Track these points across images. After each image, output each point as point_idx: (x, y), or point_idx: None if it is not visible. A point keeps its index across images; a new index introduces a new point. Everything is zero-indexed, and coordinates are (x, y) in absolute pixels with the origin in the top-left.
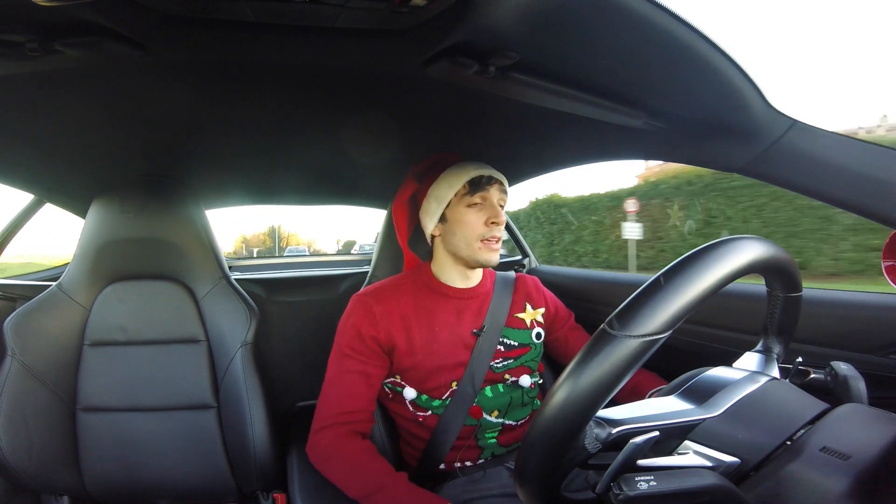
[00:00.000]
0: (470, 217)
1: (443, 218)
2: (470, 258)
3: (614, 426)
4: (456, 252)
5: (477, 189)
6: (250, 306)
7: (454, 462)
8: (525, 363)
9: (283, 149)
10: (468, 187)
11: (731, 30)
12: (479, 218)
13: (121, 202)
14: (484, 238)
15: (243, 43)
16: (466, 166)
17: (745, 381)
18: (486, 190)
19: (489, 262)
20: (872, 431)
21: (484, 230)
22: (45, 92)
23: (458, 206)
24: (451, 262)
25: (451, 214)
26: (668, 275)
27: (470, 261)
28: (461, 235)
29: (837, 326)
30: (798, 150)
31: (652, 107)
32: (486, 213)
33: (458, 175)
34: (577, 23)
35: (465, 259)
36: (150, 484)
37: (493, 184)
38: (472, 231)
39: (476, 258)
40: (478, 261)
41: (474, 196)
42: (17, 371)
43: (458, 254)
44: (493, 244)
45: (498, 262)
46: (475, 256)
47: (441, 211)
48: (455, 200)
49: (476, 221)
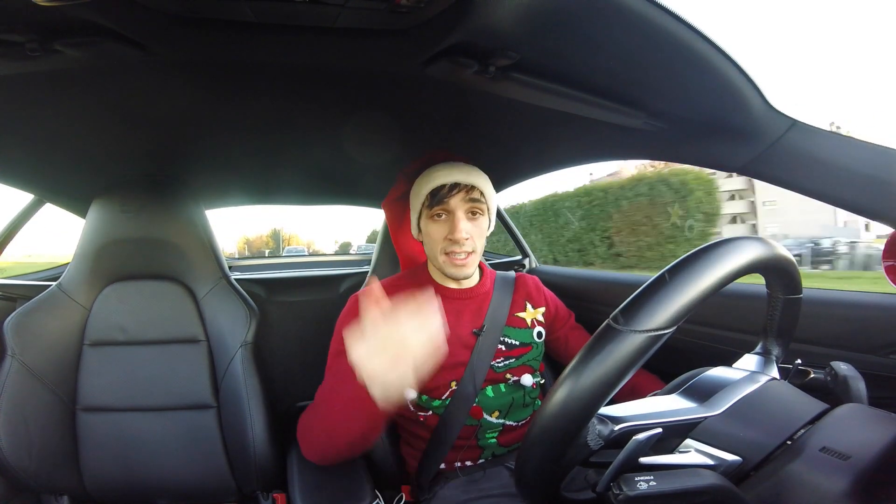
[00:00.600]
0: (432, 230)
1: (419, 226)
2: (441, 270)
3: (617, 423)
4: (431, 262)
5: (435, 201)
6: (250, 306)
7: (454, 462)
8: (527, 362)
9: (283, 148)
10: (429, 199)
11: (732, 29)
12: (440, 231)
13: (121, 202)
14: (446, 252)
15: (243, 43)
16: (433, 173)
17: (745, 380)
18: (446, 202)
19: (455, 275)
20: (872, 431)
21: (445, 244)
22: (45, 92)
23: (424, 217)
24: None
25: (422, 225)
26: (672, 271)
27: (443, 272)
28: (428, 248)
29: (837, 326)
30: (798, 150)
31: (652, 107)
32: (447, 227)
33: (425, 184)
34: (577, 23)
35: (439, 270)
36: (150, 484)
37: (457, 192)
38: (435, 244)
39: (444, 270)
40: (448, 274)
41: (433, 209)
42: (17, 371)
43: (433, 263)
44: (455, 259)
45: (469, 275)
46: (443, 269)
47: (416, 220)
48: (424, 211)
49: (437, 235)
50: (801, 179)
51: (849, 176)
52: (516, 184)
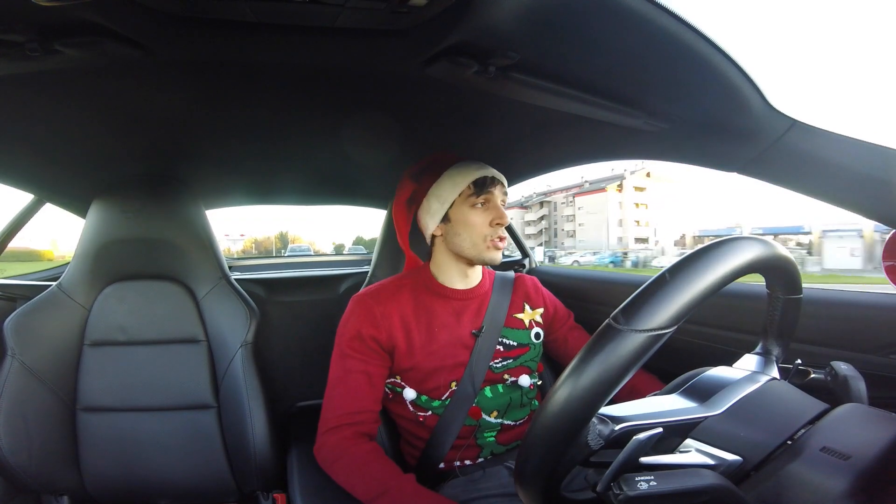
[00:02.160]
0: (475, 217)
1: (446, 218)
2: (475, 257)
3: (617, 423)
4: (460, 252)
5: (482, 190)
6: (250, 306)
7: (454, 461)
8: (524, 363)
9: (283, 149)
10: (473, 188)
11: (732, 29)
12: (484, 218)
13: (121, 202)
14: (490, 238)
15: (243, 43)
16: (469, 166)
17: (745, 380)
18: (490, 191)
19: (494, 260)
20: (872, 431)
21: (489, 230)
22: (46, 92)
23: (462, 206)
24: (453, 262)
25: (455, 215)
26: (673, 271)
27: (475, 259)
28: (466, 236)
29: (837, 326)
30: (798, 150)
31: (652, 107)
32: (491, 214)
33: (463, 175)
34: (578, 23)
35: (468, 258)
36: (150, 484)
37: (496, 185)
38: (478, 231)
39: (482, 257)
40: (483, 259)
41: (479, 197)
42: (17, 371)
43: (462, 253)
44: (499, 243)
45: (501, 260)
46: (481, 256)
47: (444, 211)
48: (459, 201)
49: (481, 222)
50: (800, 179)
51: (849, 176)
52: (516, 184)
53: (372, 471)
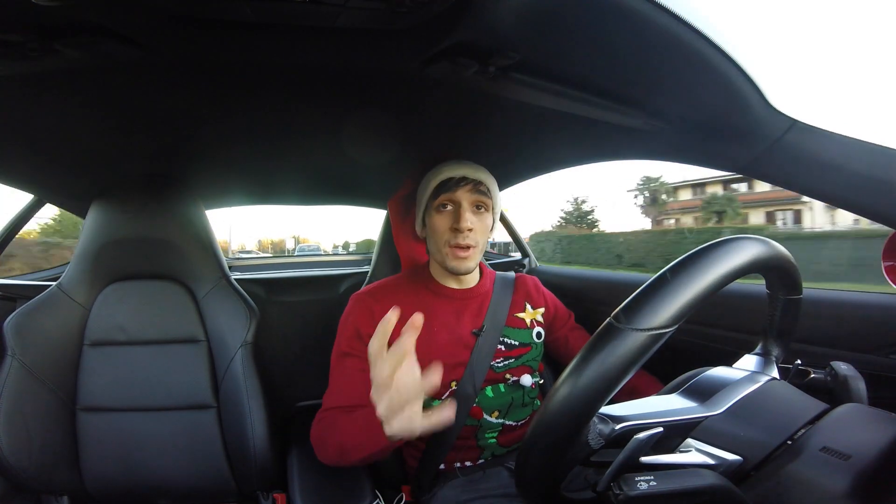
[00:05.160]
0: (436, 222)
1: (424, 221)
2: (443, 264)
3: (618, 422)
4: (433, 257)
5: (442, 191)
6: (250, 306)
7: (454, 462)
8: (526, 362)
9: (283, 148)
10: (435, 190)
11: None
12: (444, 223)
13: (121, 202)
14: (450, 244)
15: (243, 43)
16: (441, 168)
17: (745, 380)
18: (453, 192)
19: (457, 269)
20: (872, 431)
21: (449, 236)
22: (46, 92)
23: (431, 210)
24: (439, 266)
25: (427, 219)
26: (674, 270)
27: (444, 266)
28: (432, 242)
29: (837, 326)
30: (798, 150)
31: (652, 107)
32: (452, 218)
33: (433, 178)
34: (578, 23)
35: (440, 265)
36: (150, 484)
37: (465, 185)
38: (439, 237)
39: (445, 265)
40: (447, 267)
41: (438, 198)
42: (17, 371)
43: (435, 259)
44: (458, 252)
45: (471, 269)
46: (445, 263)
47: (422, 214)
48: (430, 204)
49: (442, 226)
50: (801, 179)
51: (849, 176)
52: (516, 184)
53: (356, 417)
